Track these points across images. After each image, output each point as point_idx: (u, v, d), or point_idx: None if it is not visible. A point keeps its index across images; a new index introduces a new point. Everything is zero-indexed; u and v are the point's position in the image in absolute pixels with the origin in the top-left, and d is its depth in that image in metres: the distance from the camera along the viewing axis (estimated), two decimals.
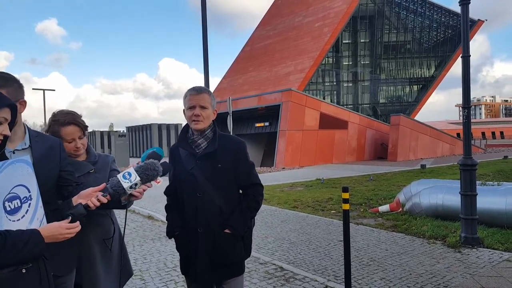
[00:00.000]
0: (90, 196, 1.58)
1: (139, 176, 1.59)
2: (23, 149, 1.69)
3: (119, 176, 1.59)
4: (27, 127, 1.74)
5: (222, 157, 2.10)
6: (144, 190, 1.70)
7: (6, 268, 1.35)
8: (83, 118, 2.26)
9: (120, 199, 1.63)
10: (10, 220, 1.35)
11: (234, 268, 2.12)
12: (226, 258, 2.06)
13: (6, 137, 1.44)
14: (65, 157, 1.84)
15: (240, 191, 2.21)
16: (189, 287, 2.27)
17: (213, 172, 2.08)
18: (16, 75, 1.71)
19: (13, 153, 1.65)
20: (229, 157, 2.12)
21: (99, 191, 1.60)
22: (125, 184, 1.57)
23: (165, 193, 2.29)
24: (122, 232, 2.23)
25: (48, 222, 1.48)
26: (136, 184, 1.59)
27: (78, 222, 1.47)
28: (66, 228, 1.43)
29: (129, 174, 1.59)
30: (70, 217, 1.47)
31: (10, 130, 1.46)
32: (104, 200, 1.56)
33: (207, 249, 2.06)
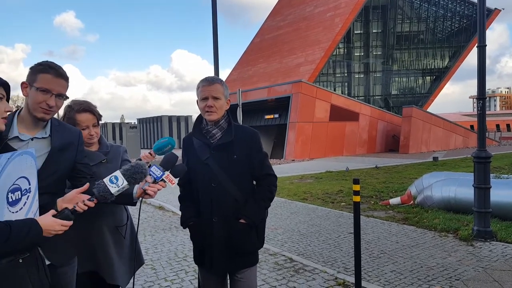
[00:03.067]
0: (74, 199, 1.54)
1: (126, 180, 1.57)
2: (43, 137, 1.66)
3: (106, 180, 1.56)
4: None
5: (237, 147, 2.11)
6: (158, 190, 1.72)
7: (5, 258, 1.36)
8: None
9: (109, 200, 1.57)
10: (10, 211, 1.37)
11: (248, 257, 2.15)
12: (241, 247, 2.09)
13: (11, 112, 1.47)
14: (82, 150, 1.84)
15: (254, 182, 2.22)
16: (203, 277, 2.28)
17: (228, 162, 2.10)
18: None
19: (32, 140, 1.62)
20: (244, 147, 2.13)
21: (82, 192, 1.57)
22: (113, 189, 1.54)
23: (178, 183, 2.30)
24: (136, 223, 2.26)
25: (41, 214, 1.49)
26: (123, 188, 1.56)
27: (71, 221, 1.48)
28: (61, 225, 1.44)
29: (116, 178, 1.56)
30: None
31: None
32: (91, 205, 1.54)
33: (223, 238, 2.08)
